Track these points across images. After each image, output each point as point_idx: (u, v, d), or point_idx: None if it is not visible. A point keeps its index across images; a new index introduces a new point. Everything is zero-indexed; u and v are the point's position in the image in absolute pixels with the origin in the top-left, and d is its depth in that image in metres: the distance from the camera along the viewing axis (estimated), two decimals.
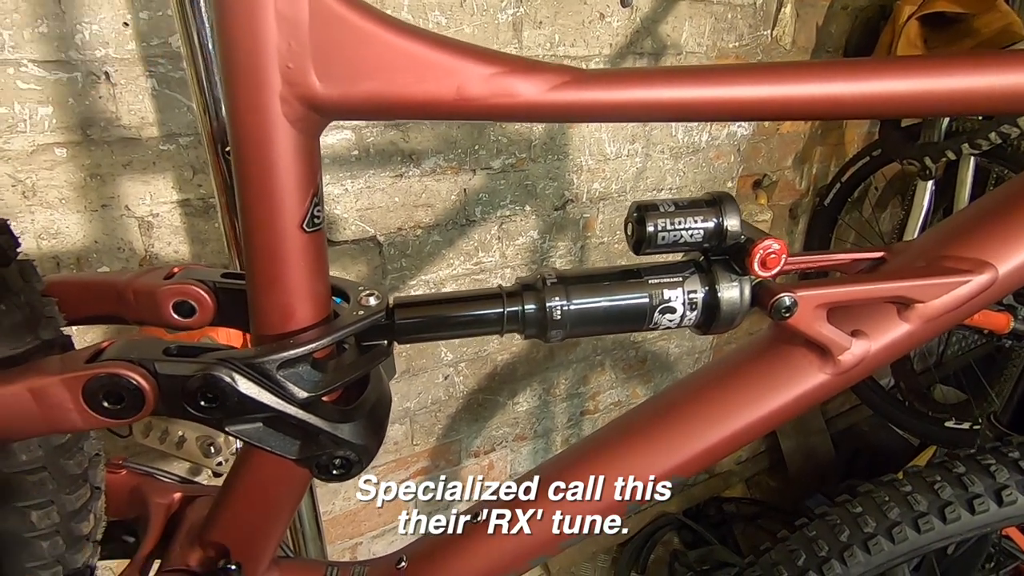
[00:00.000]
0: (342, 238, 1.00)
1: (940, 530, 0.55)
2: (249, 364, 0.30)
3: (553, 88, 0.30)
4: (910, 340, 0.39)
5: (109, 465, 0.46)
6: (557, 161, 1.16)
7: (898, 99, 0.33)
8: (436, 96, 0.29)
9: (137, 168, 0.81)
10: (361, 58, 0.28)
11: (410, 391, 1.21)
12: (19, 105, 0.71)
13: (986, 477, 0.55)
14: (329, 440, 0.33)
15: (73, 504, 0.35)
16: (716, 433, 0.41)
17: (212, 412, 0.30)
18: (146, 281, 0.36)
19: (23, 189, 0.75)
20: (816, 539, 0.59)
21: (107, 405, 0.29)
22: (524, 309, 0.36)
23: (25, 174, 0.75)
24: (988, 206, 0.40)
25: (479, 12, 0.97)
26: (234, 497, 0.38)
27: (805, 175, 1.62)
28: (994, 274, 0.38)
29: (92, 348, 0.31)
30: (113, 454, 0.93)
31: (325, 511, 1.21)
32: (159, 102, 0.79)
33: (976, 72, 0.33)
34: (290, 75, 0.27)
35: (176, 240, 0.88)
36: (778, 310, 0.36)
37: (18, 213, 0.75)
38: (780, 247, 0.35)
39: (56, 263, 0.80)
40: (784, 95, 0.32)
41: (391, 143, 0.97)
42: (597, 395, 1.51)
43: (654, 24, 1.15)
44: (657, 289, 0.36)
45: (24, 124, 0.72)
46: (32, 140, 0.73)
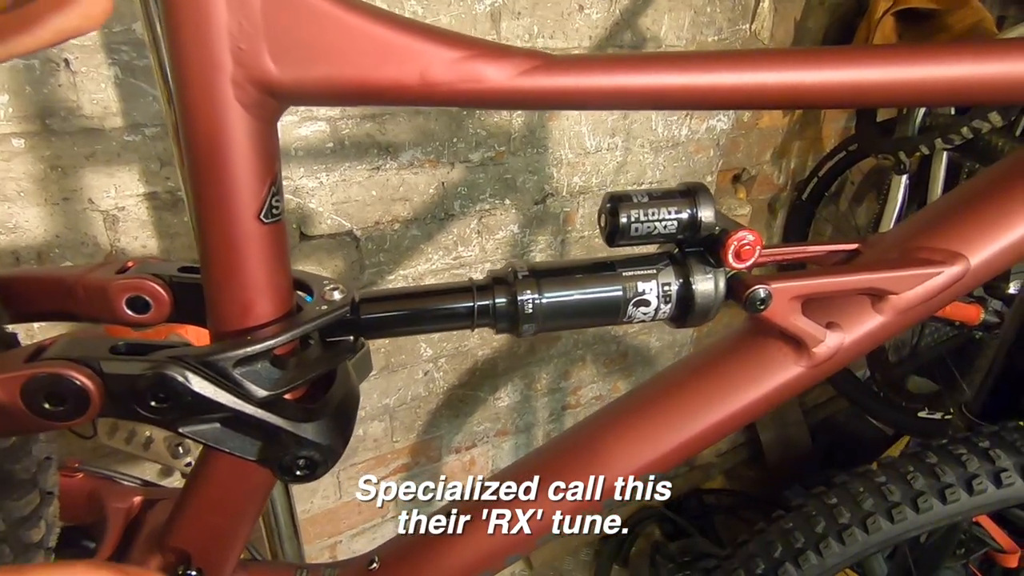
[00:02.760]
0: (318, 232, 0.98)
1: (913, 520, 0.55)
2: (203, 362, 0.29)
3: (522, 73, 0.29)
4: (884, 331, 0.39)
5: (64, 469, 0.44)
6: (537, 154, 1.15)
7: (872, 88, 0.33)
8: (398, 81, 0.27)
9: (101, 160, 0.78)
10: (318, 40, 0.26)
11: (389, 387, 1.19)
12: None
13: (957, 467, 0.56)
14: (291, 440, 0.31)
15: (21, 510, 0.33)
16: (691, 428, 0.41)
17: (164, 413, 0.29)
18: (98, 276, 0.35)
19: None
20: (792, 531, 0.59)
21: (48, 407, 0.28)
22: (495, 303, 0.35)
23: None
24: (960, 198, 0.40)
25: (456, 2, 0.95)
26: (194, 500, 0.37)
27: (783, 169, 1.63)
28: (966, 265, 0.38)
29: (34, 346, 0.29)
30: (82, 456, 0.90)
31: (303, 510, 1.19)
32: (123, 91, 0.76)
33: (956, 61, 0.32)
34: (242, 57, 0.25)
35: (144, 234, 0.85)
36: (753, 302, 0.36)
37: None
38: (754, 239, 0.34)
39: (15, 258, 0.77)
40: (759, 82, 0.32)
41: (367, 135, 0.95)
42: (578, 390, 1.51)
43: (634, 17, 1.14)
44: (631, 282, 0.36)
45: None
46: None
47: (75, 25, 0.22)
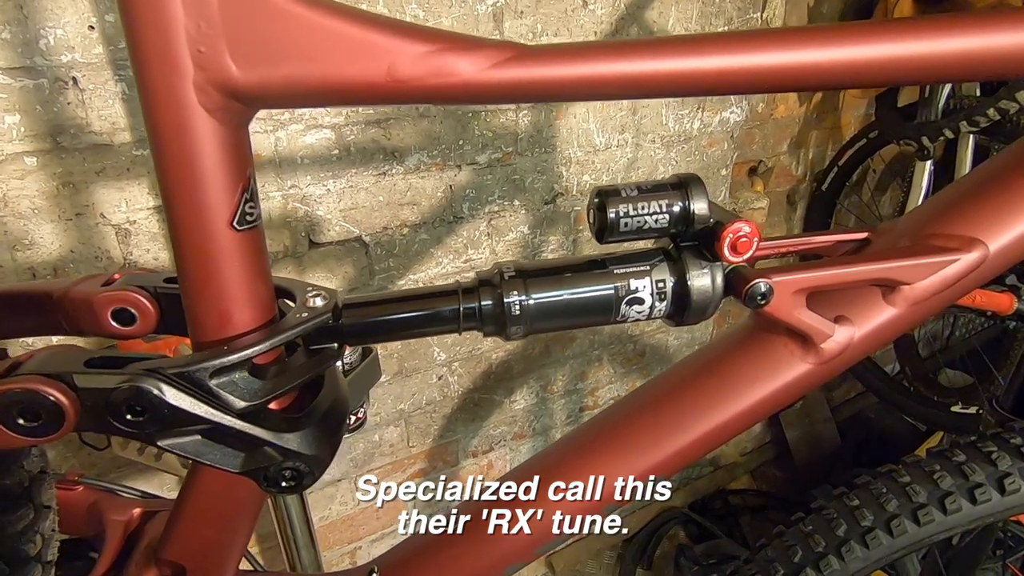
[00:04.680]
0: (327, 239, 0.99)
1: (941, 522, 0.53)
2: (178, 374, 0.28)
3: (495, 65, 0.28)
4: (897, 324, 0.37)
5: (64, 482, 0.44)
6: (545, 154, 1.13)
7: (890, 65, 0.30)
8: (365, 79, 0.26)
9: (111, 175, 0.79)
10: (280, 39, 0.25)
11: (404, 392, 1.19)
12: None
13: (987, 465, 0.53)
14: (275, 451, 0.31)
15: (14, 525, 0.33)
16: (695, 430, 0.39)
17: (141, 427, 0.28)
18: (83, 289, 0.34)
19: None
20: (812, 534, 0.57)
21: (23, 422, 0.27)
22: (481, 305, 0.33)
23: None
24: (976, 181, 0.38)
25: (458, 3, 0.94)
26: (187, 513, 0.37)
27: (801, 160, 1.59)
28: (984, 252, 0.35)
29: (9, 361, 0.29)
30: (100, 467, 0.92)
31: (321, 516, 1.19)
32: (130, 106, 0.77)
33: (987, 32, 0.30)
34: (202, 60, 0.25)
35: (155, 247, 0.86)
36: (753, 297, 0.34)
37: None
38: (751, 230, 0.33)
39: (32, 273, 0.79)
40: (755, 65, 0.30)
41: (372, 140, 0.95)
42: (596, 390, 1.49)
43: (639, 10, 1.12)
44: (623, 279, 0.34)
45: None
46: (0, 150, 0.72)
47: None
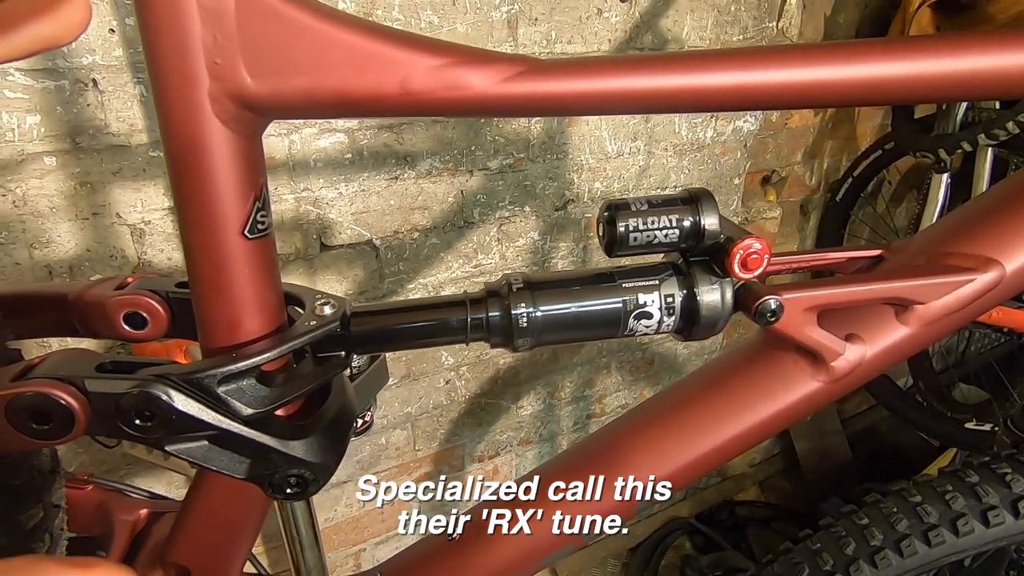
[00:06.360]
0: (338, 243, 0.99)
1: (952, 544, 0.52)
2: (187, 380, 0.28)
3: (507, 79, 0.28)
4: (910, 344, 0.37)
5: (74, 480, 0.45)
6: (556, 160, 1.13)
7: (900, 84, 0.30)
8: (378, 91, 0.27)
9: (127, 175, 0.81)
10: (294, 51, 0.26)
11: (411, 396, 1.19)
12: (7, 115, 0.71)
13: (1002, 487, 0.52)
14: (280, 458, 0.31)
15: (25, 524, 0.34)
16: (702, 445, 0.39)
17: (149, 431, 0.29)
18: (96, 292, 0.35)
19: (13, 199, 0.75)
20: (820, 552, 0.56)
21: (34, 425, 0.28)
22: (488, 316, 0.34)
23: (15, 183, 0.74)
24: (994, 200, 0.37)
25: (472, 10, 0.95)
26: (192, 517, 0.37)
27: (815, 170, 1.57)
28: (1001, 272, 0.35)
29: (23, 364, 0.29)
30: (111, 464, 0.93)
31: (326, 518, 1.20)
32: (148, 109, 0.78)
33: (1007, 51, 0.30)
34: (218, 71, 0.25)
35: (169, 247, 0.87)
36: (763, 314, 0.34)
37: (9, 222, 0.75)
38: (762, 247, 0.32)
39: (49, 272, 0.80)
40: (769, 81, 0.30)
41: (385, 145, 0.96)
42: (603, 398, 1.49)
43: (654, 19, 1.12)
44: (631, 293, 0.34)
45: (12, 133, 0.72)
46: (21, 149, 0.73)
47: (52, 34, 0.21)
